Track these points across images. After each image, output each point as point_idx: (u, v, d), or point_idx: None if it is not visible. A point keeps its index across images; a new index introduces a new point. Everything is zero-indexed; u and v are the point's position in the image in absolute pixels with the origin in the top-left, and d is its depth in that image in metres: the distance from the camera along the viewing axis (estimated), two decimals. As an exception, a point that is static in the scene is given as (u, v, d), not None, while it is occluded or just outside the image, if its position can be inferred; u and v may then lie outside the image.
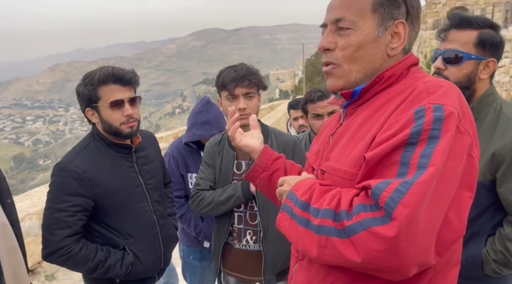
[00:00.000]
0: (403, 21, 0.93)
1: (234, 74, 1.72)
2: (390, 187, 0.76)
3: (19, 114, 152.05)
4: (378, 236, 0.75)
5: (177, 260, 2.57)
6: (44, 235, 1.58)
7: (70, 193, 1.57)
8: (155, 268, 1.81)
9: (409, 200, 0.74)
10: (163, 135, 8.72)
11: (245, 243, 1.83)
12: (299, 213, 0.90)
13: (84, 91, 1.62)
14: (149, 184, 1.78)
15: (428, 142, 0.78)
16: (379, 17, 0.93)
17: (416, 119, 0.80)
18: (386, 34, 0.94)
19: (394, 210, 0.74)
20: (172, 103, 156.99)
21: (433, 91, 0.85)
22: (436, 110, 0.80)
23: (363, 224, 0.77)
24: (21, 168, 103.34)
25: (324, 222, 0.83)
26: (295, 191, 0.95)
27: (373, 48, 0.94)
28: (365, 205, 0.79)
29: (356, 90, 0.96)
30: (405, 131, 0.80)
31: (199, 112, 2.32)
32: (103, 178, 1.63)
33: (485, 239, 1.43)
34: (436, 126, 0.78)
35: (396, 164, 0.79)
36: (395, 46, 0.94)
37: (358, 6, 0.93)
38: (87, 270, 1.63)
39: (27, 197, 4.20)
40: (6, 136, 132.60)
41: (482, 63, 1.42)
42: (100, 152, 1.67)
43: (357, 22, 0.93)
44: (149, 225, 1.76)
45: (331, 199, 0.86)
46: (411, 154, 0.78)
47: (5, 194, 1.37)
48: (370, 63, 0.95)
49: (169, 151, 2.36)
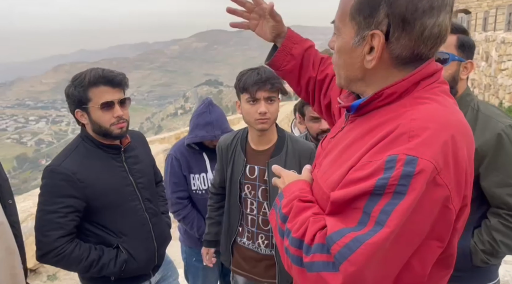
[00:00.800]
0: (376, 31, 0.83)
1: (256, 77, 1.68)
2: (342, 240, 0.77)
3: (22, 114, 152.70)
4: (326, 283, 0.79)
5: (179, 262, 2.57)
6: (37, 236, 1.60)
7: (61, 195, 1.59)
8: (149, 265, 1.84)
9: (356, 258, 0.75)
10: (165, 136, 8.73)
11: (257, 246, 1.84)
12: (279, 224, 0.95)
13: (74, 93, 1.63)
14: (140, 183, 1.80)
15: (392, 196, 0.75)
16: (356, 25, 0.86)
17: (385, 169, 0.76)
18: (364, 45, 0.86)
19: (341, 264, 0.76)
20: (175, 104, 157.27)
21: (416, 135, 0.78)
22: (407, 165, 0.75)
23: (316, 266, 0.81)
24: (23, 167, 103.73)
25: (290, 248, 0.88)
26: (285, 194, 0.98)
27: (349, 58, 0.90)
28: (322, 245, 0.82)
29: (353, 106, 0.93)
30: (371, 180, 0.77)
31: (201, 113, 2.32)
32: (93, 178, 1.64)
33: (472, 231, 1.51)
34: (403, 182, 0.75)
35: (359, 210, 0.79)
36: (369, 59, 0.86)
37: (341, 11, 0.90)
38: (81, 269, 1.65)
39: (29, 197, 4.21)
40: (9, 136, 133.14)
41: (463, 64, 1.52)
42: (90, 153, 1.69)
43: (340, 28, 0.90)
44: (142, 223, 1.79)
45: (300, 226, 0.88)
46: (373, 205, 0.77)
47: (7, 194, 1.38)
48: (349, 72, 0.92)
49: (171, 152, 2.36)
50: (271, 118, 1.71)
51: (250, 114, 1.71)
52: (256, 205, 1.82)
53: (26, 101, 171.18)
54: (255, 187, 1.81)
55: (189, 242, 2.44)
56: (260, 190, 1.80)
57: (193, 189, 2.31)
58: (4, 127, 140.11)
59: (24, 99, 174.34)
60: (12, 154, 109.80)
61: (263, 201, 1.79)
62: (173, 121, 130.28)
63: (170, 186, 2.30)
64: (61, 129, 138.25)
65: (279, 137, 1.83)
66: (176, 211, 2.32)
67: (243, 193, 1.83)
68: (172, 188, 2.30)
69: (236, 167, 1.83)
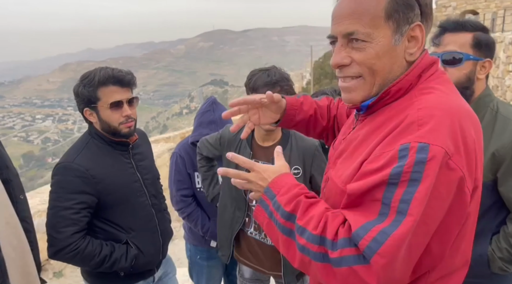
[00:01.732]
0: (419, 23, 0.88)
1: (267, 79, 1.68)
2: (369, 234, 0.78)
3: (29, 112, 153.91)
4: (359, 278, 0.79)
5: (183, 260, 2.58)
6: (50, 233, 1.61)
7: (75, 191, 1.60)
8: (155, 260, 1.87)
9: (385, 250, 0.76)
10: (170, 136, 8.75)
11: (264, 236, 1.86)
12: (282, 222, 0.91)
13: (84, 92, 1.65)
14: (146, 179, 1.84)
15: (408, 184, 0.77)
16: (394, 24, 0.87)
17: (399, 158, 0.79)
18: (403, 40, 0.88)
19: (371, 258, 0.77)
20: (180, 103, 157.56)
21: (424, 123, 0.81)
22: (419, 152, 0.78)
23: (346, 260, 0.80)
24: (30, 165, 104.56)
25: (309, 245, 0.85)
26: (274, 190, 0.95)
27: (391, 58, 0.89)
28: (349, 240, 0.81)
29: (363, 106, 0.95)
30: (386, 170, 0.79)
31: (205, 112, 2.34)
32: (104, 174, 1.67)
33: (490, 238, 1.47)
34: (417, 169, 0.77)
35: (378, 201, 0.80)
36: (414, 51, 0.90)
37: (370, 16, 0.86)
38: (93, 265, 1.67)
39: (37, 194, 4.25)
40: (16, 134, 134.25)
41: (479, 63, 1.47)
42: (100, 149, 1.72)
43: (371, 34, 0.87)
44: (149, 218, 1.82)
45: (317, 222, 0.86)
46: (391, 195, 0.78)
47: (18, 190, 1.38)
48: (389, 74, 0.91)
49: (176, 150, 2.38)
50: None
51: None
52: None
53: (33, 99, 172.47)
54: None
55: (194, 240, 2.45)
56: None
57: (197, 187, 2.32)
58: (11, 125, 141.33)
59: (31, 97, 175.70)
60: (19, 151, 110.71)
61: None
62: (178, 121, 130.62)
63: (175, 183, 2.32)
64: (67, 127, 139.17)
65: (283, 135, 1.85)
66: (180, 208, 2.33)
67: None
68: (177, 186, 2.32)
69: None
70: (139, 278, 1.83)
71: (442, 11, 25.34)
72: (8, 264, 1.23)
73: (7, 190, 1.30)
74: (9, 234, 1.26)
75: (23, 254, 1.30)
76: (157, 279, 1.94)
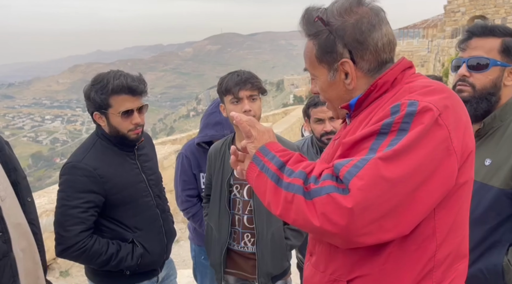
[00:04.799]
0: (345, 60, 1.00)
1: (237, 79, 1.79)
2: (350, 163, 0.85)
3: (39, 113, 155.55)
4: (336, 203, 0.82)
5: (189, 261, 2.60)
6: (58, 231, 1.64)
7: (83, 190, 1.63)
8: (160, 259, 1.89)
9: (364, 173, 0.81)
10: (177, 138, 8.80)
11: (243, 245, 1.88)
12: (273, 169, 0.95)
13: (95, 98, 1.67)
14: (151, 180, 1.87)
15: (397, 133, 0.85)
16: (326, 65, 1.03)
17: (391, 114, 0.88)
18: (339, 74, 1.02)
19: (350, 181, 0.82)
20: (187, 106, 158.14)
21: (414, 90, 0.91)
22: (409, 106, 0.86)
23: (326, 188, 0.85)
24: (38, 165, 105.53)
25: (295, 180, 0.90)
26: (270, 148, 1.00)
27: (333, 90, 1.06)
28: (332, 175, 0.87)
29: (351, 103, 1.04)
30: (378, 124, 0.88)
31: (211, 113, 2.36)
32: (112, 174, 1.70)
33: (507, 248, 1.40)
34: (406, 120, 0.84)
35: (366, 149, 0.87)
36: (349, 82, 1.03)
37: (310, 61, 1.07)
38: (100, 264, 1.68)
39: (45, 194, 4.30)
40: (25, 134, 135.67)
41: (507, 70, 1.43)
42: (106, 150, 1.75)
43: (314, 73, 1.07)
44: (154, 218, 1.85)
45: (306, 165, 0.93)
46: (380, 142, 0.86)
47: (26, 192, 1.40)
48: (339, 100, 1.07)
49: (182, 151, 2.40)
50: (255, 116, 1.79)
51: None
52: (241, 205, 1.87)
53: (42, 100, 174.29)
54: (243, 185, 1.86)
55: (198, 240, 2.47)
56: (246, 188, 1.85)
57: (202, 187, 2.31)
58: (21, 125, 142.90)
59: (41, 98, 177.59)
60: (28, 151, 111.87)
61: (249, 199, 1.84)
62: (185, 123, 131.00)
63: (180, 184, 2.34)
64: (75, 128, 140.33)
65: None
66: (185, 209, 2.35)
67: (232, 194, 1.88)
68: (182, 186, 2.33)
69: (226, 169, 1.88)
70: (144, 277, 1.85)
71: (451, 17, 25.19)
72: (18, 264, 1.25)
73: (15, 192, 1.32)
74: (20, 236, 1.27)
75: (32, 255, 1.32)
76: (160, 279, 1.95)
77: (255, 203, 1.81)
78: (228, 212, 1.87)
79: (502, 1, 23.44)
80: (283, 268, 1.89)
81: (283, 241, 1.85)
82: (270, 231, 1.81)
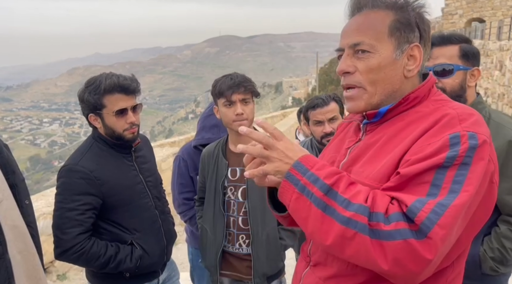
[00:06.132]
0: (418, 44, 0.98)
1: (230, 82, 1.80)
2: (427, 206, 0.79)
3: (37, 116, 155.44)
4: (414, 251, 0.78)
5: (186, 264, 2.60)
6: (56, 234, 1.64)
7: (80, 193, 1.64)
8: (160, 261, 1.88)
9: (445, 221, 0.78)
10: (175, 140, 8.79)
11: (238, 247, 1.89)
12: (319, 195, 0.86)
13: (89, 99, 1.69)
14: (149, 181, 1.87)
15: (459, 167, 0.82)
16: (395, 41, 0.97)
17: (451, 145, 0.84)
18: (403, 57, 0.98)
19: (430, 230, 0.77)
20: (186, 108, 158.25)
21: (464, 118, 0.89)
22: (471, 138, 0.84)
23: (402, 233, 0.79)
24: (36, 168, 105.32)
25: (357, 217, 0.82)
26: (307, 165, 0.90)
27: (392, 70, 0.98)
28: (402, 214, 0.81)
29: (381, 112, 1.00)
30: (441, 155, 0.83)
31: (208, 116, 2.35)
32: (108, 176, 1.71)
33: (482, 239, 1.52)
34: (469, 154, 0.83)
35: (427, 183, 0.83)
36: (411, 68, 0.99)
37: (375, 31, 0.98)
38: (99, 266, 1.68)
39: (42, 197, 4.28)
40: (23, 137, 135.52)
41: (469, 72, 1.58)
42: (103, 152, 1.76)
43: (375, 46, 0.97)
44: (153, 219, 1.85)
45: (366, 196, 0.86)
46: (443, 177, 0.82)
47: (24, 195, 1.40)
48: (390, 85, 0.99)
49: (179, 154, 2.39)
50: (248, 119, 1.81)
51: (227, 116, 1.81)
52: (236, 206, 1.88)
53: (40, 103, 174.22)
54: (237, 187, 1.87)
55: (195, 243, 2.45)
56: (240, 190, 1.86)
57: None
58: (19, 128, 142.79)
59: (39, 101, 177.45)
60: (26, 154, 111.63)
61: (243, 201, 1.85)
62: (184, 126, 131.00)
63: (177, 187, 2.33)
64: (73, 131, 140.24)
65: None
66: (182, 211, 2.34)
67: (227, 196, 1.89)
68: (179, 189, 2.32)
69: (219, 171, 1.89)
70: (144, 279, 1.84)
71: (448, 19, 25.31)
72: (14, 268, 1.24)
73: (13, 194, 1.33)
74: (16, 238, 1.27)
75: (30, 258, 1.31)
76: (161, 281, 1.95)
77: (249, 204, 1.82)
78: (223, 214, 1.88)
79: (499, 4, 23.59)
80: (278, 268, 1.91)
81: (277, 242, 1.87)
82: (265, 231, 1.83)
